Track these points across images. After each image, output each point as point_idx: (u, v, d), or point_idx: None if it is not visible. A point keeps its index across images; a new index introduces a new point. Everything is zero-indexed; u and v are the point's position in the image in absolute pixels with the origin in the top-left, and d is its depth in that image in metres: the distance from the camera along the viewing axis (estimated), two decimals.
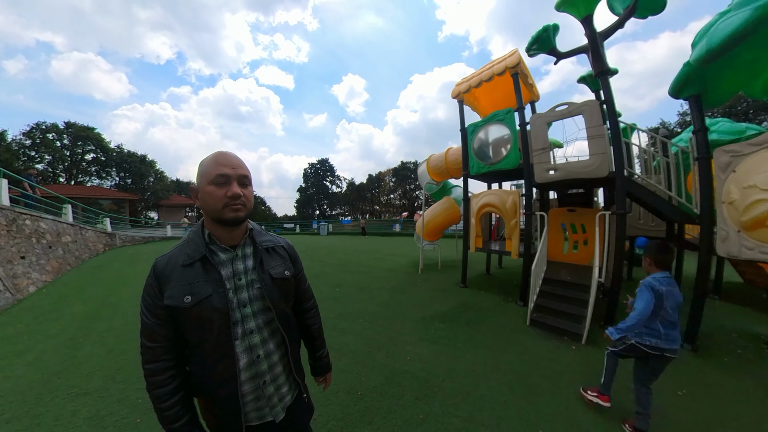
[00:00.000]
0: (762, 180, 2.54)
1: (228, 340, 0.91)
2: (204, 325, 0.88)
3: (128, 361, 2.96)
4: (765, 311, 4.36)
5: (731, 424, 2.11)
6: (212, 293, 0.89)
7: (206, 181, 0.87)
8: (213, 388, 0.92)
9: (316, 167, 51.36)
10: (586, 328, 3.25)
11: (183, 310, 0.86)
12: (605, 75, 3.65)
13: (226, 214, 0.88)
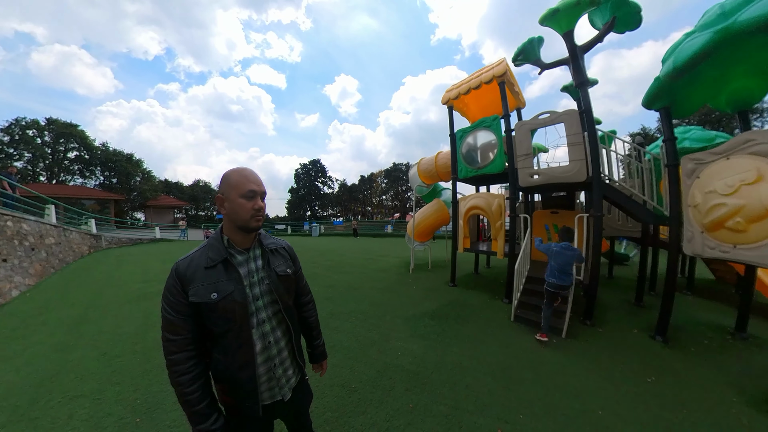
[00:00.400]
0: (720, 186, 2.80)
1: (247, 328, 1.07)
2: (228, 316, 1.03)
3: (123, 364, 2.96)
4: (733, 305, 4.69)
5: (693, 406, 2.32)
6: (234, 289, 1.05)
7: (237, 194, 1.04)
8: (235, 371, 1.06)
9: (308, 168, 51.07)
10: (565, 322, 3.47)
11: (210, 306, 1.00)
12: (584, 86, 3.90)
13: (251, 223, 1.06)
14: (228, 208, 1.05)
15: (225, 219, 1.09)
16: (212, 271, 1.03)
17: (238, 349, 1.06)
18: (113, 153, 31.54)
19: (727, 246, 2.78)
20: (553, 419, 2.15)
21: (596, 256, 3.82)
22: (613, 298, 5.04)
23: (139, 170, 33.59)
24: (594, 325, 3.85)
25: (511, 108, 5.53)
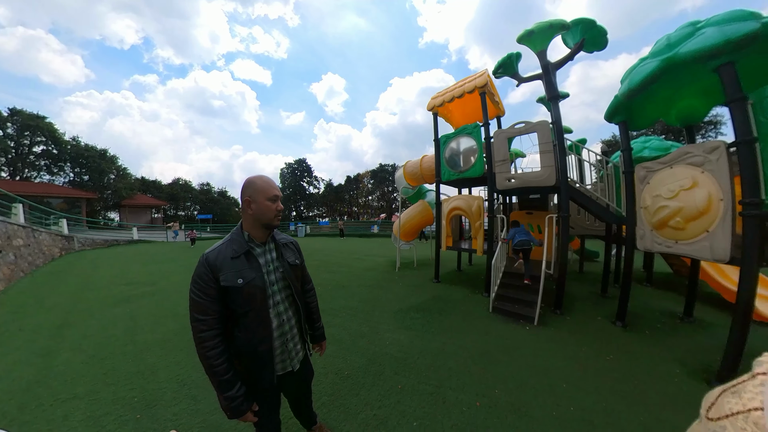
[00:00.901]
0: (665, 191, 3.24)
1: (265, 308, 1.28)
2: (251, 298, 1.24)
3: (115, 366, 2.92)
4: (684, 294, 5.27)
5: (643, 378, 2.70)
6: (255, 276, 1.26)
7: (264, 197, 1.27)
8: (255, 345, 1.27)
9: (294, 167, 50.26)
10: (537, 312, 3.85)
11: (236, 289, 1.20)
12: (555, 100, 4.32)
13: (274, 221, 1.31)
14: (255, 209, 1.26)
15: (249, 218, 1.29)
16: (237, 261, 1.24)
17: (258, 326, 1.26)
18: (85, 148, 29.52)
19: (671, 242, 3.23)
20: (524, 393, 2.47)
21: (564, 253, 4.24)
22: (582, 290, 5.54)
23: (113, 167, 31.52)
24: (563, 313, 4.26)
25: (491, 116, 5.93)
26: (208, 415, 2.20)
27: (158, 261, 9.46)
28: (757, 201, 2.48)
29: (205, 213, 41.37)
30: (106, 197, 30.32)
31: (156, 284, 6.20)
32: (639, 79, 3.17)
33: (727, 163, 2.74)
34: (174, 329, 3.80)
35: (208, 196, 46.29)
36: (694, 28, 2.82)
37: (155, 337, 3.56)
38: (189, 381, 2.65)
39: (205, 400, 2.38)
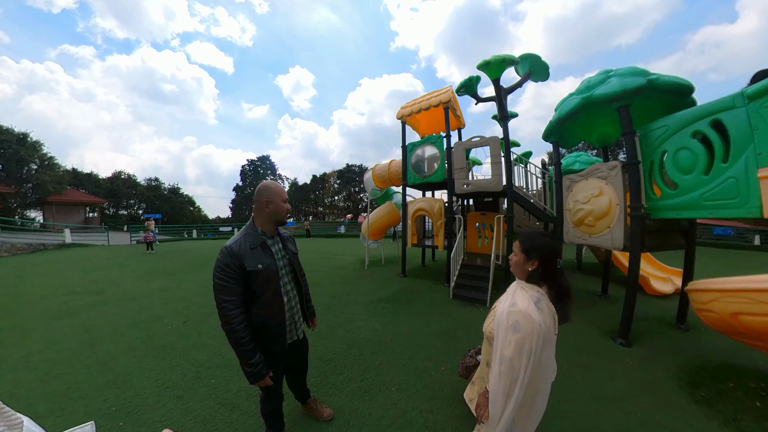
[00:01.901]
0: (581, 197, 4.13)
1: (278, 288, 1.62)
2: (268, 281, 1.56)
3: (79, 380, 2.71)
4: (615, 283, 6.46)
5: (570, 339, 3.45)
6: (270, 263, 1.58)
7: (280, 199, 1.61)
8: (272, 318, 1.58)
9: (256, 164, 47.86)
10: (488, 295, 4.61)
11: (257, 272, 1.51)
12: (505, 120, 5.15)
13: (284, 219, 1.67)
14: (272, 209, 1.59)
15: (265, 215, 1.60)
16: (255, 251, 1.54)
17: (274, 302, 1.59)
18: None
19: (586, 236, 4.12)
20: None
21: (509, 246, 5.05)
22: None
23: (36, 155, 25.47)
24: None
25: (453, 128, 6.65)
26: (199, 411, 2.28)
27: (101, 267, 8.53)
28: (638, 206, 3.39)
29: (152, 212, 37.22)
30: (26, 192, 25.32)
31: (104, 293, 5.65)
32: (566, 110, 4.01)
33: (622, 178, 3.64)
34: (139, 337, 3.64)
35: (157, 193, 41.49)
36: (606, 75, 3.70)
37: (119, 347, 3.37)
38: (170, 384, 2.64)
39: (192, 398, 2.44)
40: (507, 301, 1.33)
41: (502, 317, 1.28)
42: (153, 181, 42.45)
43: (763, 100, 2.45)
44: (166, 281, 6.63)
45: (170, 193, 43.37)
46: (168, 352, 3.24)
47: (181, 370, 2.89)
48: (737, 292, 2.21)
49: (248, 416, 2.22)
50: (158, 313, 4.50)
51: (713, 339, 3.48)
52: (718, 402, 2.37)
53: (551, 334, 1.27)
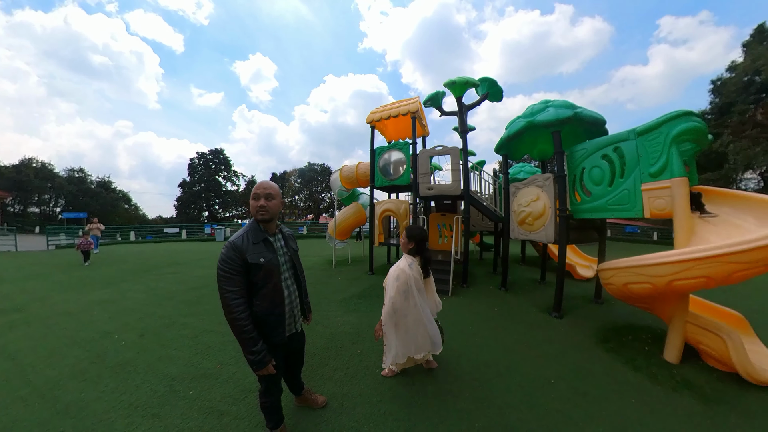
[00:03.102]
0: (523, 201, 4.95)
1: (279, 282, 1.73)
2: (269, 273, 1.67)
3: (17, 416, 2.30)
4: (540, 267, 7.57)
5: (514, 317, 4.22)
6: (272, 257, 1.71)
7: (251, 198, 1.70)
8: (272, 310, 1.68)
9: (208, 158, 42.51)
10: (450, 286, 5.28)
11: (259, 265, 1.62)
12: (465, 133, 5.88)
13: (257, 216, 1.70)
14: (250, 206, 1.71)
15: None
16: (258, 246, 1.66)
17: (275, 294, 1.69)
18: None
19: (527, 233, 4.95)
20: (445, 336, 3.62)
21: (466, 243, 5.78)
22: (481, 271, 7.46)
23: None
24: (468, 286, 5.86)
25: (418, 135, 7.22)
26: (182, 425, 2.17)
27: (13, 279, 7.18)
28: (565, 209, 4.24)
29: (75, 210, 30.68)
30: None
31: (25, 310, 4.85)
32: (514, 130, 4.78)
33: (553, 187, 4.48)
34: (86, 357, 3.20)
35: (82, 188, 34.66)
36: (546, 105, 4.52)
37: (62, 372, 2.91)
38: (140, 403, 2.42)
39: (171, 413, 2.30)
40: (395, 265, 2.41)
41: (391, 274, 2.33)
42: (76, 173, 35.79)
43: (645, 136, 3.35)
44: (106, 292, 5.84)
45: (99, 187, 37.27)
46: (128, 370, 2.92)
47: (149, 386, 2.64)
48: (626, 268, 3.06)
49: (240, 419, 2.22)
50: (104, 328, 3.98)
51: (619, 308, 4.60)
52: (621, 349, 3.32)
53: (420, 284, 2.42)
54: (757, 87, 17.42)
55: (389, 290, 2.38)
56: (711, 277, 2.42)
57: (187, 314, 4.49)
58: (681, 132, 3.08)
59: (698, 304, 3.52)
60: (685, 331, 2.98)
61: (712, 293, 3.75)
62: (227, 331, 3.54)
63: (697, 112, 3.16)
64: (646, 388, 2.65)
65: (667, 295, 2.87)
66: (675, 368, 2.89)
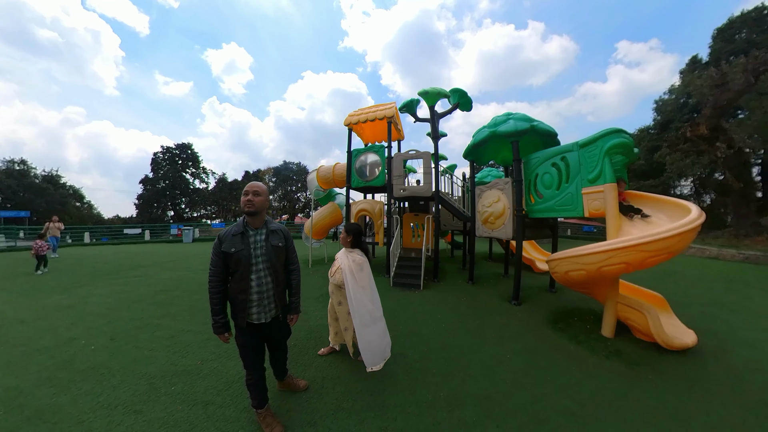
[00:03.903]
0: (486, 202, 5.47)
1: (247, 271, 1.91)
2: (238, 263, 1.88)
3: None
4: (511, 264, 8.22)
5: (480, 305, 4.66)
6: (243, 248, 1.89)
7: (242, 194, 1.94)
8: (237, 294, 1.92)
9: (174, 153, 38.89)
10: (421, 281, 5.66)
11: (231, 254, 1.87)
12: (437, 139, 6.35)
13: (245, 209, 1.93)
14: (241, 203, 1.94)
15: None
16: (235, 238, 1.90)
17: (241, 281, 1.91)
18: None
19: (490, 230, 5.47)
20: (417, 325, 4.00)
21: (436, 241, 6.23)
22: (451, 267, 7.96)
23: None
24: (439, 281, 6.31)
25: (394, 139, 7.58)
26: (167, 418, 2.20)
27: None
28: (521, 209, 4.78)
29: (14, 209, 26.94)
30: None
31: None
32: (479, 138, 5.27)
33: (512, 190, 5.02)
34: (52, 364, 3.01)
35: (23, 182, 30.22)
36: (507, 117, 5.03)
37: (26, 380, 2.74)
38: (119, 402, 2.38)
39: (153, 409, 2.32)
40: (346, 260, 2.71)
41: (351, 267, 2.64)
42: (17, 164, 31.12)
43: (586, 148, 3.94)
44: (63, 298, 5.47)
45: (45, 182, 32.80)
46: (102, 373, 2.84)
47: (128, 386, 2.62)
48: (566, 258, 3.61)
49: (225, 407, 2.31)
50: (67, 335, 3.77)
51: (569, 295, 5.26)
52: (567, 329, 3.88)
53: (368, 268, 2.80)
54: (689, 108, 20.15)
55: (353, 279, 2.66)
56: (629, 263, 2.99)
57: (160, 316, 4.41)
58: (612, 146, 3.67)
59: (627, 288, 4.21)
60: (617, 310, 3.57)
61: (647, 280, 4.46)
62: (206, 331, 3.74)
63: (625, 130, 3.78)
64: (585, 357, 3.19)
65: (598, 280, 3.45)
66: (609, 341, 3.49)
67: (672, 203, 3.58)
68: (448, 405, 2.41)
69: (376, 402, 2.43)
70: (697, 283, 6.86)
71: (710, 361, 3.15)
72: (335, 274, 2.84)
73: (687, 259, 10.85)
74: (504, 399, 2.49)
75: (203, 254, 11.49)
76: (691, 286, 6.52)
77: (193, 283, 6.32)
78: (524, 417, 2.28)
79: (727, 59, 16.99)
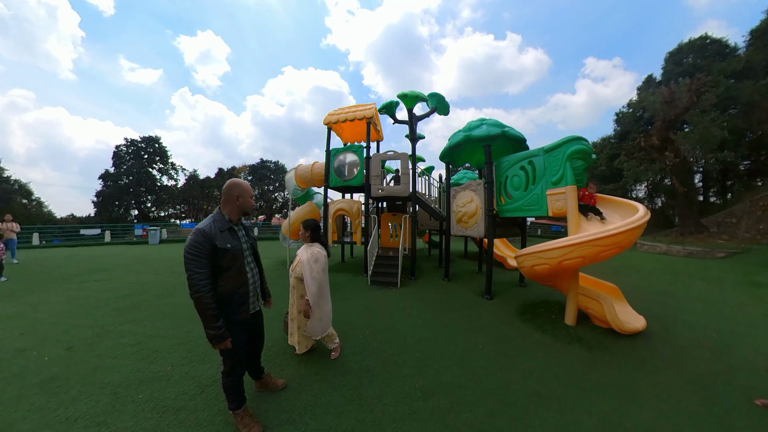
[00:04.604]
0: (460, 203, 5.70)
1: (243, 265, 1.99)
2: (235, 257, 1.91)
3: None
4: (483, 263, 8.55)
5: (455, 301, 4.84)
6: (237, 243, 1.95)
7: (249, 196, 2.02)
8: (237, 289, 1.93)
9: (139, 147, 35.49)
10: (398, 279, 5.79)
11: (226, 250, 1.85)
12: (414, 141, 6.53)
13: (252, 211, 2.08)
14: (242, 203, 1.98)
15: (234, 207, 1.97)
16: (224, 234, 1.89)
17: (240, 275, 1.95)
18: None
19: (464, 229, 5.71)
20: (394, 321, 4.10)
21: (413, 240, 6.39)
22: (428, 265, 8.17)
23: None
24: (416, 278, 6.47)
25: (373, 140, 7.66)
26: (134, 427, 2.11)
27: None
28: (491, 209, 5.04)
29: None
30: None
31: None
32: (454, 142, 5.50)
33: (484, 191, 5.28)
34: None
35: None
36: (481, 122, 5.29)
37: None
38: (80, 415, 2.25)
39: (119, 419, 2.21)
40: (305, 254, 2.82)
41: (310, 260, 2.74)
42: None
43: (550, 153, 4.24)
44: (8, 307, 4.92)
45: None
46: (58, 385, 2.62)
47: (89, 397, 2.45)
48: (531, 254, 3.89)
49: (198, 412, 2.26)
50: (15, 346, 3.43)
51: (537, 289, 5.61)
52: (534, 319, 4.16)
53: (324, 261, 2.86)
54: (644, 120, 22.39)
55: (311, 271, 2.74)
56: (585, 256, 3.29)
57: (123, 322, 4.13)
58: (573, 152, 3.99)
59: (586, 280, 4.61)
60: (578, 301, 3.89)
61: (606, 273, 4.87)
62: (176, 335, 3.63)
63: (585, 138, 4.13)
64: (550, 344, 3.48)
65: (560, 273, 3.76)
66: (572, 329, 3.80)
67: (625, 204, 3.96)
68: (423, 394, 2.53)
69: (354, 395, 2.50)
70: (649, 275, 7.60)
71: (657, 341, 3.58)
72: (296, 267, 2.95)
73: (641, 254, 11.89)
74: (475, 386, 2.66)
75: (172, 256, 10.91)
76: (643, 278, 7.22)
77: (160, 286, 5.99)
78: (494, 401, 2.46)
79: (676, 79, 19.21)
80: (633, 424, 2.22)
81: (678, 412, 2.35)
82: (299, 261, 2.90)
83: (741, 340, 3.71)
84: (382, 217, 7.95)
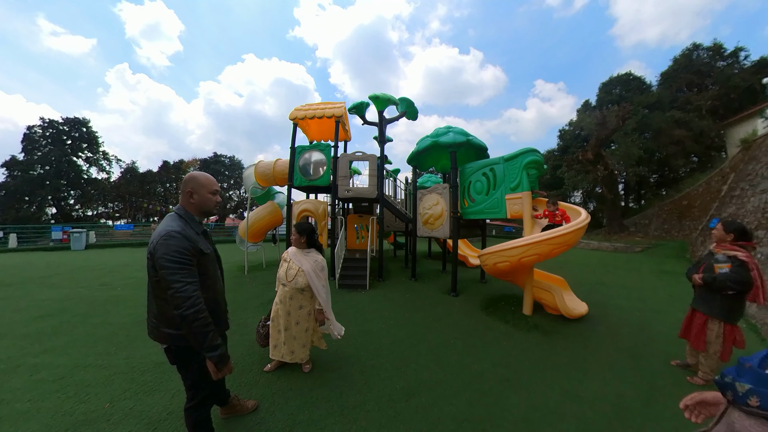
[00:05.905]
0: (427, 205, 5.94)
1: (216, 270, 1.77)
2: (213, 264, 1.71)
3: None
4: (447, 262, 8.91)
5: (422, 299, 5.00)
6: (211, 248, 1.74)
7: (207, 191, 1.65)
8: (219, 298, 1.72)
9: (61, 129, 30.05)
10: (367, 281, 5.84)
11: (207, 254, 1.62)
12: (383, 143, 6.62)
13: (213, 210, 1.73)
14: (197, 200, 1.63)
15: (192, 206, 1.65)
16: (200, 237, 1.62)
17: (215, 283, 1.71)
18: None
19: (430, 230, 5.95)
20: (367, 322, 4.13)
21: (381, 242, 6.48)
22: (395, 266, 8.37)
23: None
24: (383, 279, 6.57)
25: (341, 140, 7.55)
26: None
27: None
28: (456, 211, 5.34)
29: None
30: None
31: None
32: (422, 147, 5.72)
33: (449, 194, 5.55)
34: None
35: None
36: (448, 130, 5.57)
37: None
38: None
39: None
40: (306, 263, 2.64)
41: (315, 268, 2.64)
42: None
43: (509, 162, 4.65)
44: None
45: None
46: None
47: None
48: (494, 253, 4.27)
49: None
50: None
51: (496, 285, 6.08)
52: (496, 311, 4.54)
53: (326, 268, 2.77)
54: (581, 138, 26.13)
55: (318, 280, 2.66)
56: (540, 254, 3.73)
57: (39, 352, 3.26)
58: (529, 162, 4.44)
59: (539, 274, 5.15)
60: (533, 293, 4.35)
61: (554, 268, 5.46)
62: (112, 363, 3.01)
63: (539, 150, 4.64)
64: (512, 333, 3.86)
65: (519, 269, 4.18)
66: (529, 318, 4.26)
67: (571, 209, 4.49)
68: (404, 395, 2.57)
69: (335, 407, 2.36)
70: (585, 268, 8.72)
71: (597, 323, 4.20)
72: (296, 277, 2.62)
73: (578, 251, 13.47)
74: (452, 379, 2.81)
75: (103, 265, 9.24)
76: (581, 270, 8.27)
77: (87, 303, 4.92)
78: (471, 392, 2.62)
79: (607, 105, 23.53)
80: (588, 394, 2.61)
81: (618, 379, 2.83)
82: (299, 271, 2.62)
83: (657, 316, 4.58)
84: (349, 218, 7.90)
